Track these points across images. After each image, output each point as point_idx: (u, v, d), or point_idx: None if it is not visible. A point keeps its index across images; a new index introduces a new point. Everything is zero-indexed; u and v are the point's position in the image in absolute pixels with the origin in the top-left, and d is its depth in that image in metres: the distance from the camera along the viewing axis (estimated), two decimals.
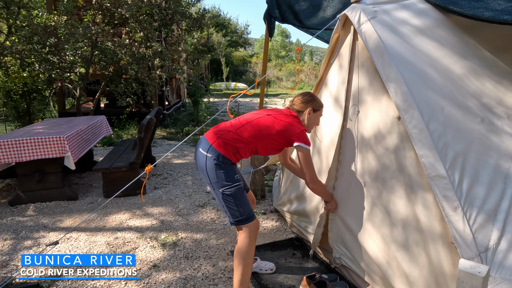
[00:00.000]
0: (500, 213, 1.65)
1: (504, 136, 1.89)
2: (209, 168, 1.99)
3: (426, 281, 1.76)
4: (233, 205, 2.01)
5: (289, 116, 2.13)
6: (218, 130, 2.07)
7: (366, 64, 2.14)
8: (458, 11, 2.09)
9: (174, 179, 4.52)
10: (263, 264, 2.49)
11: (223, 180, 1.98)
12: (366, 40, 2.05)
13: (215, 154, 1.98)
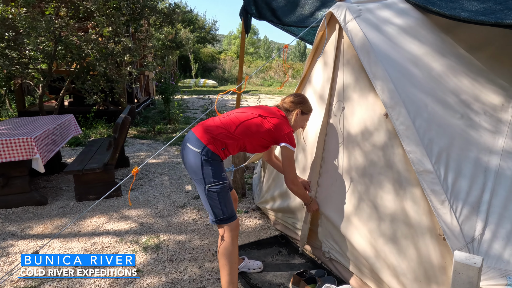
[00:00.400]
0: (482, 205, 1.73)
1: (482, 131, 1.98)
2: (197, 163, 1.96)
3: (415, 272, 1.82)
4: (217, 203, 1.99)
5: (278, 116, 2.12)
6: (207, 126, 2.04)
7: (352, 62, 2.17)
8: (437, 11, 2.16)
9: (150, 180, 4.38)
10: (251, 263, 2.48)
11: (210, 177, 1.96)
12: (352, 38, 2.08)
13: (204, 150, 1.95)
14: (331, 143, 2.33)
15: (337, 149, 2.28)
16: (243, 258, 2.48)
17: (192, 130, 2.07)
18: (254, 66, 32.54)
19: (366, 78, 2.08)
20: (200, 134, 2.00)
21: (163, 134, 7.19)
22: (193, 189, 4.08)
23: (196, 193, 3.93)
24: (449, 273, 1.70)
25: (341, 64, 2.25)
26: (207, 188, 1.96)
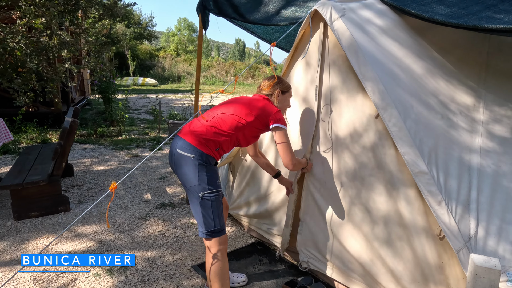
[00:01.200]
0: (472, 203, 1.79)
1: (461, 130, 2.06)
2: (191, 170, 1.82)
3: (412, 274, 1.82)
4: (210, 212, 1.86)
5: (261, 100, 2.03)
6: (196, 129, 1.90)
7: (338, 63, 2.11)
8: (414, 13, 2.20)
9: (102, 190, 3.94)
10: (235, 277, 2.31)
11: (205, 183, 1.83)
12: (339, 38, 2.02)
13: (198, 154, 1.83)
14: (318, 147, 2.26)
15: (326, 153, 2.21)
16: None
17: (179, 135, 1.93)
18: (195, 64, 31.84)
19: (354, 79, 2.04)
20: (190, 138, 1.86)
21: (107, 138, 6.60)
22: (153, 197, 3.76)
23: (158, 202, 3.63)
24: (446, 272, 1.73)
25: (326, 65, 2.18)
26: (201, 196, 1.82)
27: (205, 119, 1.93)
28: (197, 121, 1.94)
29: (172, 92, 18.43)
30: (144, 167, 4.86)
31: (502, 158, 1.96)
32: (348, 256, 2.11)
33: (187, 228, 3.07)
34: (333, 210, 2.17)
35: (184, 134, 1.90)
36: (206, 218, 1.85)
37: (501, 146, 2.01)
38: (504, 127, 2.09)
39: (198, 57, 4.41)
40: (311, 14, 2.16)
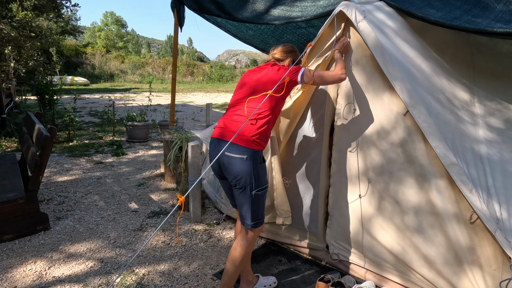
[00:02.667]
0: (491, 188, 2.00)
1: (466, 124, 2.28)
2: (245, 170, 1.84)
3: (445, 257, 1.98)
4: (260, 207, 1.96)
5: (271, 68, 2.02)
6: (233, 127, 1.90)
7: (362, 62, 2.19)
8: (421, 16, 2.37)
9: (77, 202, 3.56)
10: (265, 280, 2.28)
11: (260, 181, 1.89)
12: (365, 39, 2.09)
13: (249, 153, 1.85)
14: (342, 145, 2.32)
15: (350, 151, 2.28)
16: (258, 276, 2.27)
17: (219, 137, 1.93)
18: (128, 62, 30.10)
19: (380, 78, 2.14)
20: (237, 139, 1.85)
21: (55, 144, 5.96)
22: (140, 206, 3.50)
23: (148, 210, 3.39)
24: (478, 253, 1.91)
25: (348, 64, 2.24)
26: (255, 193, 1.89)
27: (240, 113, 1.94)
28: (234, 119, 1.94)
29: (109, 92, 17.25)
30: (114, 174, 4.49)
31: (503, 147, 2.21)
32: (379, 247, 2.22)
33: (191, 235, 2.93)
34: (362, 204, 2.26)
35: (227, 136, 1.89)
36: (255, 212, 1.93)
37: (499, 136, 2.27)
38: (498, 119, 2.36)
39: (174, 56, 4.22)
40: (337, 16, 2.19)
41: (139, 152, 5.63)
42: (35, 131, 3.01)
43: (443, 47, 2.64)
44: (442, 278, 1.99)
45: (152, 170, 4.68)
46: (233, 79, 27.53)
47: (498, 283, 1.85)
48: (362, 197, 2.27)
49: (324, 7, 3.04)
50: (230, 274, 1.99)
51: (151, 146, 6.11)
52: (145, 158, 5.31)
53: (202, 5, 3.76)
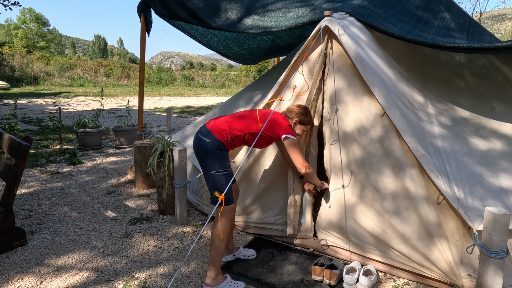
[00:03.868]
0: (450, 175, 2.44)
1: (425, 122, 2.73)
2: (205, 151, 2.23)
3: (418, 234, 2.37)
4: (219, 186, 2.23)
5: (277, 114, 2.39)
6: (217, 121, 2.34)
7: (344, 69, 2.50)
8: (386, 31, 2.78)
9: (46, 215, 3.37)
10: (246, 251, 2.66)
11: (216, 164, 2.23)
12: (347, 50, 2.41)
13: (213, 140, 2.23)
14: (327, 142, 2.60)
15: (332, 146, 2.58)
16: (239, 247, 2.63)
17: (205, 124, 2.35)
18: (54, 63, 27.72)
19: (359, 84, 2.46)
20: (211, 127, 2.28)
21: None
22: (119, 214, 3.44)
23: (128, 217, 3.35)
24: (444, 227, 2.33)
25: (331, 71, 2.54)
26: (212, 174, 2.23)
27: (229, 116, 2.38)
28: (223, 117, 2.38)
29: (36, 96, 15.84)
30: (76, 184, 4.29)
31: (453, 141, 2.70)
32: (362, 231, 2.55)
33: (181, 238, 2.99)
34: (345, 194, 2.57)
35: (209, 123, 2.33)
36: (216, 189, 2.22)
37: (449, 132, 2.75)
38: (446, 118, 2.86)
39: (141, 60, 4.20)
40: (323, 30, 2.47)
41: (96, 160, 5.39)
42: (4, 141, 2.81)
43: (398, 57, 3.09)
44: (417, 252, 2.38)
45: (117, 178, 4.55)
46: (173, 82, 26.93)
47: (460, 250, 2.28)
48: (345, 187, 2.59)
49: (295, 18, 3.34)
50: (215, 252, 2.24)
51: (107, 153, 5.88)
52: (105, 165, 5.11)
53: (172, 11, 3.81)
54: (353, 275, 2.36)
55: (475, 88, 3.14)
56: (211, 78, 27.31)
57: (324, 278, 2.38)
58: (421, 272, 2.38)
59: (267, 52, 5.50)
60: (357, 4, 3.15)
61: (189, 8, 3.71)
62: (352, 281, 2.34)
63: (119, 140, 6.25)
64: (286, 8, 3.54)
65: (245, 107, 4.00)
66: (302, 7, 3.50)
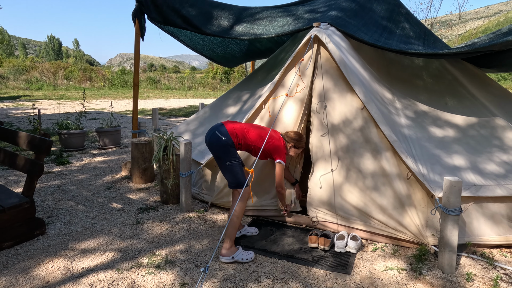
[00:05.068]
0: (415, 156, 3.01)
1: (394, 115, 3.30)
2: (221, 147, 2.67)
3: (393, 204, 2.91)
4: (235, 173, 2.68)
5: (281, 141, 2.90)
6: (236, 126, 2.78)
7: (330, 72, 3.00)
8: (361, 39, 3.31)
9: (54, 209, 3.56)
10: (249, 229, 3.11)
11: (230, 156, 2.68)
12: (333, 56, 2.90)
13: (227, 137, 2.69)
14: (317, 133, 3.08)
15: (322, 137, 3.06)
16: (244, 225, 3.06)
17: (223, 123, 2.78)
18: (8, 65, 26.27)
19: (343, 83, 2.97)
20: (229, 129, 2.73)
21: None
22: (124, 206, 3.70)
23: (134, 208, 3.63)
24: (412, 198, 2.89)
25: (319, 73, 3.03)
26: (228, 164, 2.66)
27: (243, 125, 2.83)
28: (240, 124, 2.83)
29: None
30: (72, 182, 4.46)
31: (416, 130, 3.29)
32: (348, 206, 3.05)
33: (189, 222, 3.34)
34: (334, 176, 3.07)
35: (227, 125, 2.76)
36: (233, 177, 2.67)
37: (413, 123, 3.34)
38: (410, 111, 3.45)
39: (135, 63, 4.47)
40: (313, 38, 2.95)
41: (84, 160, 5.53)
42: (21, 138, 3.01)
43: (370, 61, 3.66)
44: (392, 219, 2.92)
45: (111, 175, 4.76)
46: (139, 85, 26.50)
47: (425, 216, 2.85)
48: (333, 171, 3.08)
49: (281, 27, 3.81)
50: (232, 228, 2.66)
51: (92, 153, 6.01)
52: (95, 165, 5.28)
53: (167, 18, 4.13)
54: (342, 241, 2.85)
55: (431, 86, 3.78)
56: (178, 81, 27.23)
57: (319, 244, 2.86)
58: (396, 235, 2.92)
59: (248, 55, 5.94)
60: (334, 15, 3.69)
61: (183, 16, 4.05)
62: (342, 245, 2.83)
63: (103, 141, 6.38)
64: (272, 17, 4.01)
65: (234, 106, 4.40)
66: (286, 17, 3.98)
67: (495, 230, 2.92)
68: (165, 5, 4.12)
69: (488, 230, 2.91)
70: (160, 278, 2.44)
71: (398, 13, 4.61)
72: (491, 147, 3.28)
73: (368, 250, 2.89)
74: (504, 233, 2.92)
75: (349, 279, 2.48)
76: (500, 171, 3.05)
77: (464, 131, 3.39)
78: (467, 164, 3.08)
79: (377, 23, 4.13)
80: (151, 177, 4.45)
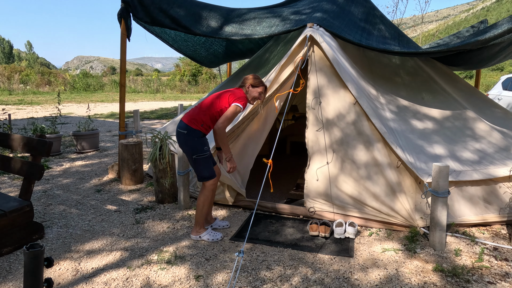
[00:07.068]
0: (402, 146, 3.27)
1: (380, 109, 3.55)
2: (186, 141, 2.76)
3: (385, 192, 3.14)
4: (201, 167, 2.82)
5: (233, 88, 2.92)
6: (189, 112, 2.85)
7: (324, 69, 3.18)
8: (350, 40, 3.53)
9: (46, 214, 3.45)
10: (221, 222, 3.23)
11: (195, 149, 2.77)
12: (326, 54, 3.09)
13: (188, 129, 2.75)
14: (313, 128, 3.25)
15: (318, 132, 3.24)
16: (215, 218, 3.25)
17: (182, 119, 2.83)
18: None
19: (336, 80, 3.16)
20: (185, 118, 2.81)
21: None
22: (120, 207, 3.66)
23: (130, 209, 3.61)
24: (402, 185, 3.13)
25: (313, 71, 3.19)
26: (194, 158, 2.77)
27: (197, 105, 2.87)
28: (193, 107, 2.88)
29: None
30: (58, 186, 4.32)
31: (400, 123, 3.56)
32: (343, 195, 3.24)
33: (189, 219, 3.38)
34: (329, 168, 3.25)
35: (183, 117, 2.83)
36: (199, 170, 2.82)
37: (396, 116, 3.61)
38: (393, 106, 3.73)
39: (121, 63, 4.43)
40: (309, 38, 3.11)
41: (64, 165, 5.35)
42: (15, 140, 2.91)
43: (354, 59, 3.90)
44: (385, 206, 3.15)
45: (98, 178, 4.66)
46: (102, 88, 25.61)
47: (414, 200, 3.10)
48: (329, 163, 3.27)
49: (269, 28, 3.96)
50: (198, 213, 2.92)
51: (71, 158, 5.82)
52: (77, 169, 5.13)
53: (155, 19, 4.14)
54: (341, 228, 3.04)
55: (408, 83, 4.09)
56: (144, 83, 26.61)
57: (320, 232, 3.02)
58: (388, 220, 3.16)
59: (229, 56, 6.04)
60: (320, 16, 3.89)
61: (172, 16, 4.07)
62: (341, 232, 3.02)
63: (81, 145, 6.19)
64: (259, 18, 4.14)
65: None
66: (273, 18, 4.13)
67: (473, 210, 3.23)
68: (153, 6, 4.12)
69: (467, 211, 3.22)
70: (174, 272, 2.49)
71: (374, 15, 4.91)
72: (465, 136, 3.62)
73: (364, 235, 3.10)
74: (481, 213, 3.25)
75: (353, 261, 2.66)
76: (474, 158, 3.39)
77: (441, 123, 3.71)
78: (446, 152, 3.39)
79: (357, 25, 4.39)
80: (141, 178, 4.42)
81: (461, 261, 2.66)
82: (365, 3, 4.96)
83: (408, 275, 2.47)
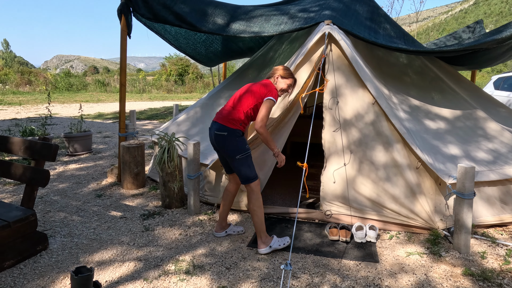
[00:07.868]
0: (419, 147, 3.20)
1: (395, 109, 3.48)
2: (228, 143, 2.61)
3: (405, 194, 3.07)
4: (245, 167, 2.65)
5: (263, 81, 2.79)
6: (223, 113, 2.70)
7: (342, 68, 3.08)
8: (362, 37, 3.45)
9: (45, 222, 3.22)
10: (235, 228, 3.06)
11: (238, 149, 2.62)
12: (345, 52, 2.99)
13: (228, 130, 2.62)
14: (330, 128, 3.14)
15: (335, 132, 3.13)
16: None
17: (214, 119, 2.72)
18: None
19: (354, 79, 3.07)
20: (220, 120, 2.67)
21: None
22: (125, 213, 3.46)
23: (137, 215, 3.41)
24: (422, 186, 3.07)
25: (331, 69, 3.09)
26: (237, 158, 2.61)
27: (229, 104, 2.73)
28: (225, 106, 2.74)
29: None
30: (54, 191, 4.08)
31: (414, 122, 3.50)
32: (361, 198, 3.15)
33: (201, 225, 3.22)
34: (347, 170, 3.15)
35: (217, 118, 2.70)
36: (243, 171, 2.64)
37: (410, 116, 3.55)
38: (405, 106, 3.67)
39: (121, 61, 4.23)
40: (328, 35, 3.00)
41: (57, 168, 5.08)
42: (15, 144, 2.68)
43: (365, 58, 3.82)
44: (404, 208, 3.08)
45: (96, 182, 4.43)
46: (86, 88, 24.89)
47: (434, 202, 3.04)
48: (346, 165, 3.17)
49: (278, 25, 3.84)
50: (258, 222, 2.68)
51: (63, 161, 5.54)
52: (72, 173, 4.87)
53: (158, 15, 3.95)
54: (362, 231, 2.95)
55: (417, 82, 4.04)
56: (129, 83, 26.02)
57: (340, 236, 2.92)
58: (408, 223, 3.09)
59: (229, 55, 5.88)
60: (329, 14, 3.79)
61: (176, 12, 3.90)
62: (362, 236, 2.92)
63: (73, 147, 5.91)
64: (267, 15, 4.01)
65: None
66: (280, 15, 4.01)
67: (490, 211, 3.20)
68: (156, 1, 3.93)
69: (485, 211, 3.19)
70: (195, 283, 2.33)
71: (378, 14, 4.85)
72: (477, 136, 3.60)
73: (384, 239, 3.02)
74: (498, 214, 3.22)
75: (379, 267, 2.56)
76: (489, 158, 3.36)
77: (452, 123, 3.68)
78: (461, 153, 3.35)
79: (363, 23, 4.32)
80: (143, 182, 4.22)
81: (488, 264, 2.61)
82: (369, 2, 4.90)
83: (439, 280, 2.39)
